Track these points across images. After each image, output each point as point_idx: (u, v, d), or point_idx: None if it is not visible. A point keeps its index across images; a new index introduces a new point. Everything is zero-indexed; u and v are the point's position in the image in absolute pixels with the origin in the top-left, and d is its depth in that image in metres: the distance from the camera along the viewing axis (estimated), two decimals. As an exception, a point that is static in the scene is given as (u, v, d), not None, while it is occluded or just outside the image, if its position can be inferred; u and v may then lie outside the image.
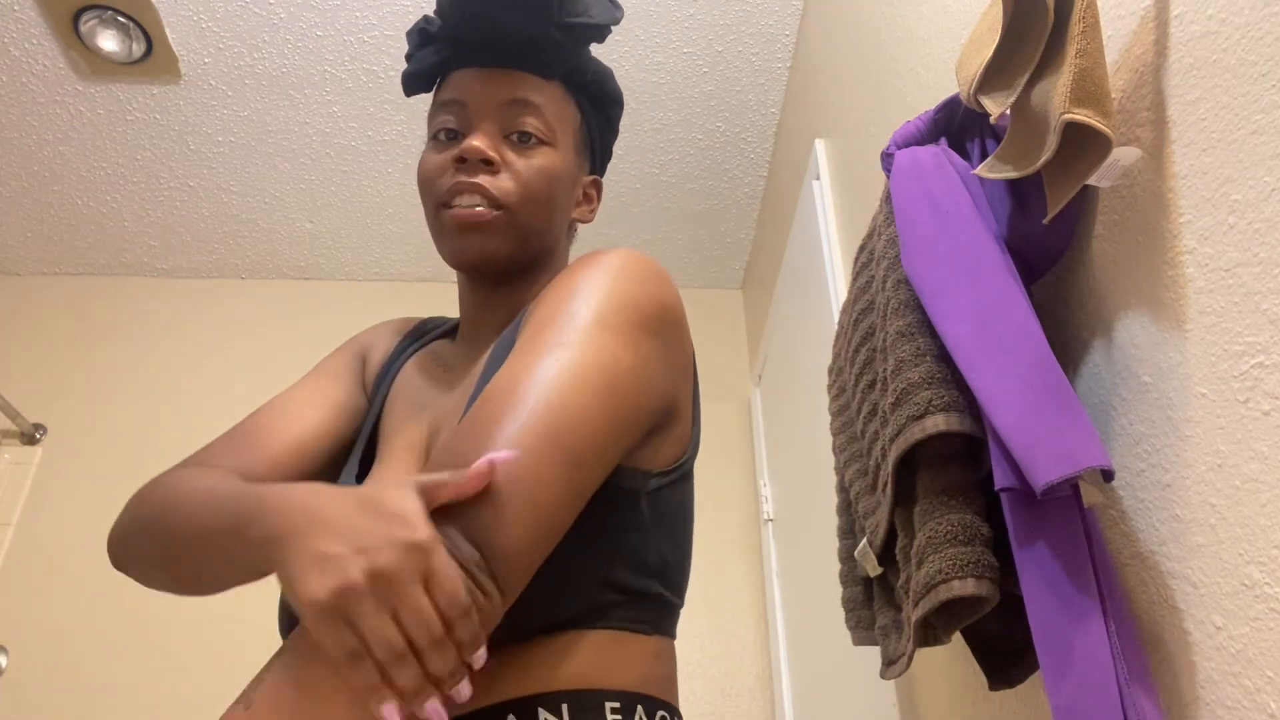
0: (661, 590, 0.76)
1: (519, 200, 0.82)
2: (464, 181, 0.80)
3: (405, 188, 2.52)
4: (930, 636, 0.81)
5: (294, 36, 2.12)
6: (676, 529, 0.81)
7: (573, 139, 0.88)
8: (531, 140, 0.83)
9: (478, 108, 0.83)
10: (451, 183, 0.81)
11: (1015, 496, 0.69)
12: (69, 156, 2.38)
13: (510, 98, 0.83)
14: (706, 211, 2.64)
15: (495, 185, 0.81)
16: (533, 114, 0.84)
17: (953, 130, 0.94)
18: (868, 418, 0.94)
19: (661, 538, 0.77)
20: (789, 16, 2.12)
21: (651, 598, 0.75)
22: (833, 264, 1.71)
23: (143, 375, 2.61)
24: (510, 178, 0.81)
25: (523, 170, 0.82)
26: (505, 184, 0.81)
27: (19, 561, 2.33)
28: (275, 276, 2.81)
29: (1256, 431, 0.58)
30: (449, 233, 0.82)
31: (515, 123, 0.83)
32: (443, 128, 0.84)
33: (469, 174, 0.80)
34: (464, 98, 0.84)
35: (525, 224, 0.83)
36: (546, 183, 0.83)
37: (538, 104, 0.84)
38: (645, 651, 0.74)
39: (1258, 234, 0.59)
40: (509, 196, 0.81)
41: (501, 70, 0.84)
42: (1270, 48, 0.58)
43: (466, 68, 0.85)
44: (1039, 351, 0.70)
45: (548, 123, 0.84)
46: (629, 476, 0.73)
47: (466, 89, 0.84)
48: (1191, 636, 0.64)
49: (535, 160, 0.83)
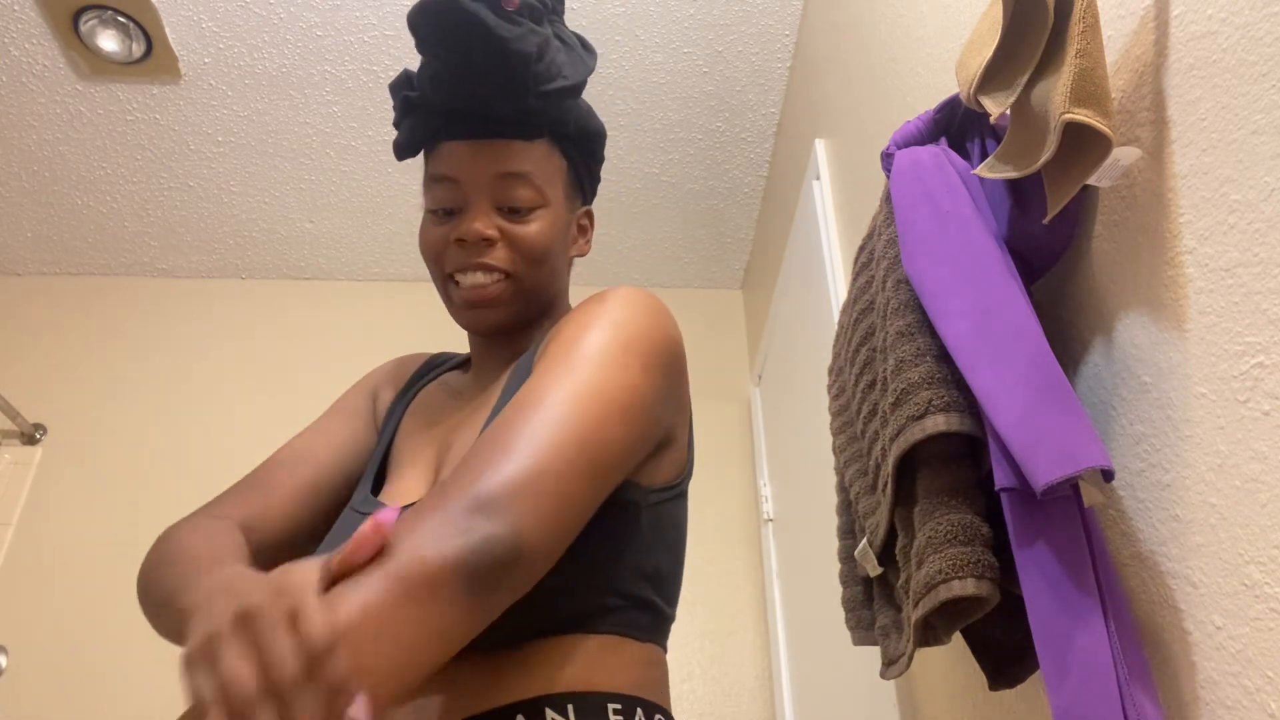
0: (656, 598, 0.80)
1: (523, 267, 0.87)
2: (469, 261, 0.86)
3: (405, 188, 2.52)
4: (930, 636, 0.81)
5: (294, 36, 2.12)
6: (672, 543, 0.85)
7: (563, 189, 0.92)
8: (524, 210, 0.87)
9: (470, 184, 0.87)
10: (457, 260, 0.86)
11: (1015, 496, 0.69)
12: (69, 156, 2.38)
13: (501, 171, 0.86)
14: (706, 211, 2.64)
15: (497, 259, 0.86)
16: (523, 185, 0.87)
17: (953, 130, 0.94)
18: (868, 418, 0.94)
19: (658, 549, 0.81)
20: (789, 16, 2.12)
21: (647, 605, 0.78)
22: (833, 264, 1.71)
23: (143, 375, 2.61)
24: (509, 247, 0.86)
25: (521, 238, 0.87)
26: (507, 254, 0.86)
27: (19, 561, 2.33)
28: (275, 276, 2.81)
29: (1256, 431, 0.58)
30: (459, 306, 0.88)
31: (508, 196, 0.87)
32: (439, 206, 0.88)
33: (473, 254, 0.86)
34: (456, 174, 0.87)
35: (530, 286, 0.88)
36: (544, 244, 0.88)
37: (527, 172, 0.87)
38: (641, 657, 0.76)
39: (1258, 234, 0.59)
40: (513, 265, 0.86)
41: (487, 141, 0.87)
42: (1270, 48, 0.58)
43: (454, 140, 0.88)
44: (1039, 351, 0.70)
45: (538, 188, 0.88)
46: (632, 490, 0.77)
47: (457, 166, 0.87)
48: (1191, 636, 0.64)
49: (532, 227, 0.87)
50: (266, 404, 2.60)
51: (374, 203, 2.57)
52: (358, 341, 2.72)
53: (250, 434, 2.55)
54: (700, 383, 2.73)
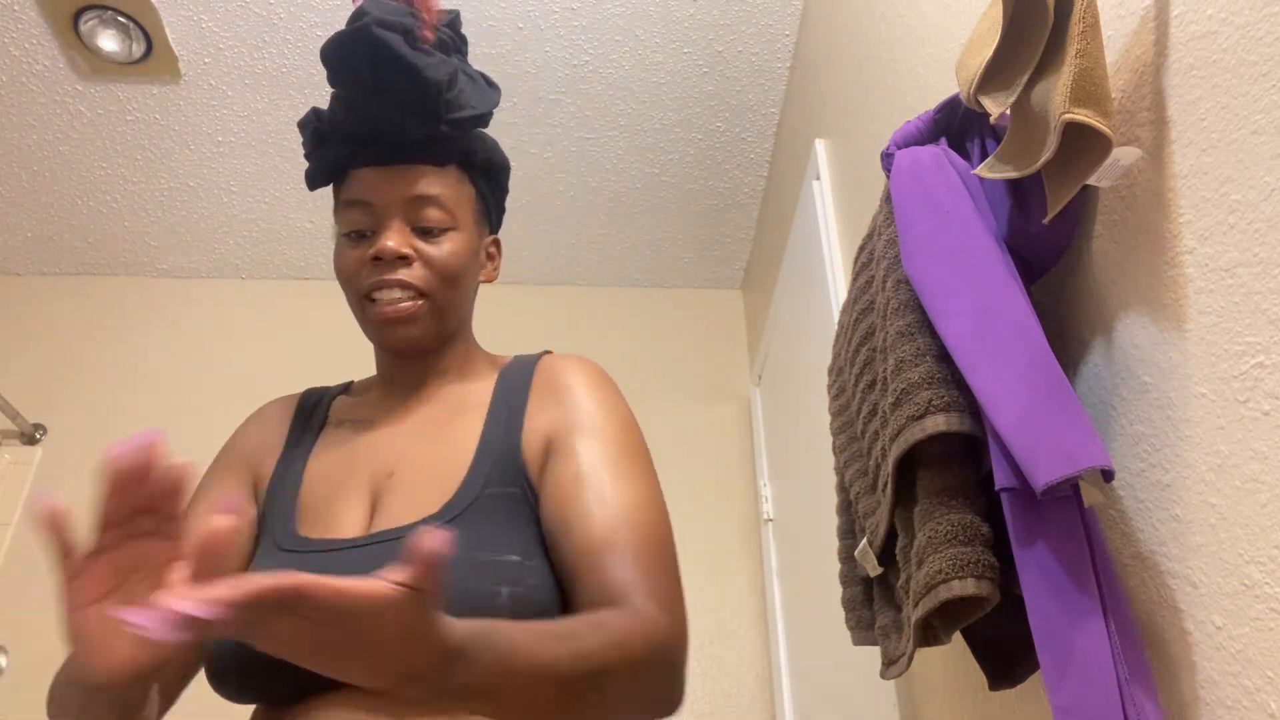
0: None
1: (436, 286, 0.89)
2: (385, 279, 0.88)
3: (405, 188, 2.52)
4: (930, 636, 0.81)
5: (294, 36, 2.12)
6: None
7: (471, 214, 0.95)
8: (435, 231, 0.90)
9: (383, 206, 0.89)
10: (373, 279, 0.88)
11: (1015, 496, 0.69)
12: (69, 156, 2.38)
13: (412, 194, 0.89)
14: (706, 211, 2.64)
15: (413, 276, 0.88)
16: (434, 206, 0.90)
17: (953, 130, 0.94)
18: (868, 418, 0.94)
19: None
20: (789, 16, 2.12)
21: None
22: (833, 264, 1.71)
23: (143, 375, 2.61)
24: (423, 266, 0.89)
25: (434, 256, 0.89)
26: (421, 273, 0.89)
27: (19, 561, 2.33)
28: (275, 276, 2.81)
29: (1256, 431, 0.58)
30: (375, 324, 0.90)
31: (419, 217, 0.90)
32: (353, 229, 0.91)
33: (387, 271, 0.88)
34: (369, 198, 0.90)
35: (444, 306, 0.91)
36: (457, 264, 0.91)
37: (437, 195, 0.90)
38: None
39: (1258, 234, 0.59)
40: (427, 284, 0.89)
41: (399, 166, 0.90)
42: (1270, 48, 0.58)
43: (366, 166, 0.91)
44: (1039, 351, 0.70)
45: (449, 210, 0.91)
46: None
47: (370, 190, 0.90)
48: (1191, 636, 0.64)
49: (444, 246, 0.90)
50: (266, 404, 2.59)
51: (374, 203, 2.56)
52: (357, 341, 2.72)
53: (250, 434, 2.55)
54: (700, 383, 2.73)
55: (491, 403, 0.91)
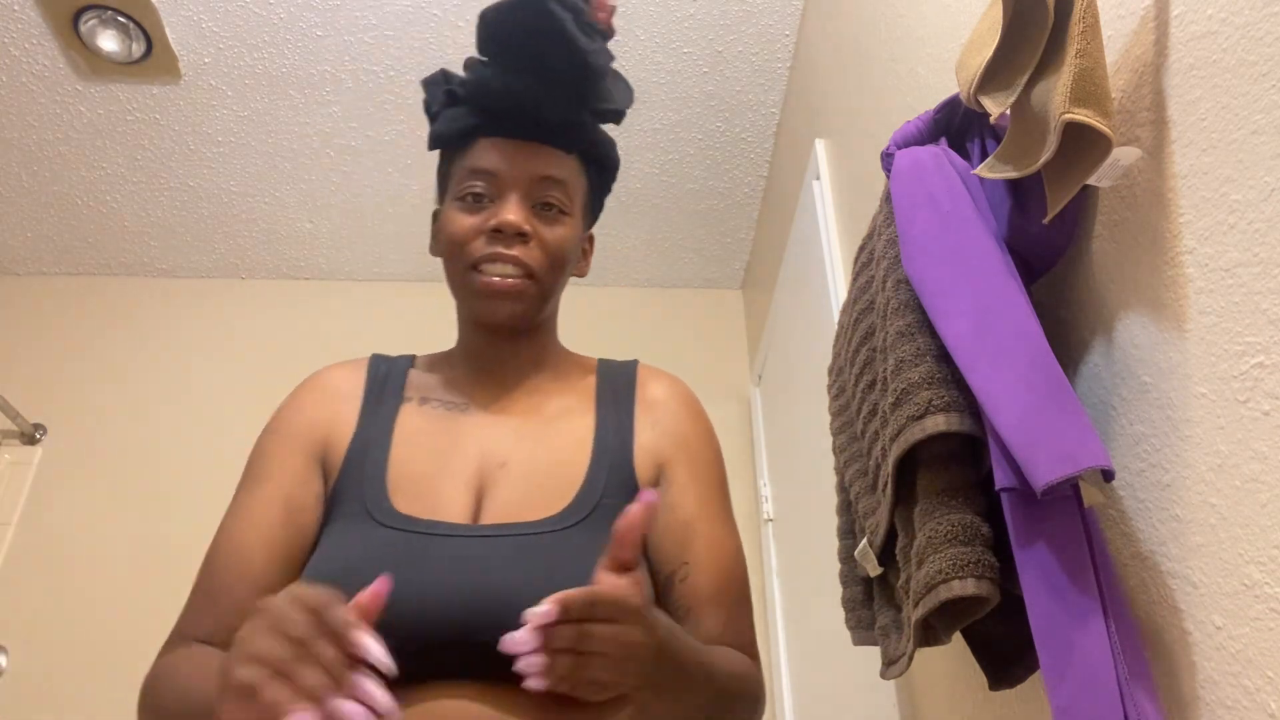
0: None
1: (546, 268, 0.89)
2: (501, 252, 0.87)
3: (405, 188, 2.52)
4: (930, 636, 0.81)
5: (294, 36, 2.12)
6: None
7: (581, 206, 0.95)
8: (554, 211, 0.90)
9: (509, 179, 0.89)
10: (487, 250, 0.87)
11: (1015, 496, 0.69)
12: (69, 156, 2.38)
13: (541, 174, 0.89)
14: (706, 211, 2.64)
15: (528, 255, 0.87)
16: (558, 189, 0.90)
17: (953, 130, 0.94)
18: (868, 418, 0.94)
19: None
20: (789, 16, 2.12)
21: None
22: (833, 264, 1.71)
23: (143, 375, 2.61)
24: (539, 247, 0.88)
25: (550, 240, 0.89)
26: (536, 253, 0.88)
27: (19, 561, 2.33)
28: (275, 276, 2.81)
29: (1256, 431, 0.58)
30: (479, 296, 0.88)
31: (543, 196, 0.89)
32: (471, 191, 0.89)
33: (505, 245, 0.87)
34: (497, 169, 0.89)
35: (548, 289, 0.91)
36: (567, 250, 0.91)
37: (563, 179, 0.91)
38: None
39: (1258, 234, 0.59)
40: (539, 264, 0.88)
41: (531, 144, 0.90)
42: (1270, 48, 0.58)
43: (499, 136, 0.90)
44: (1039, 351, 0.70)
45: (568, 195, 0.91)
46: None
47: (500, 160, 0.89)
48: (1191, 636, 0.64)
49: (558, 230, 0.90)
50: (266, 404, 2.59)
51: (374, 203, 2.57)
52: (358, 341, 2.72)
53: (250, 434, 2.54)
54: (700, 383, 2.72)
55: (597, 407, 0.92)
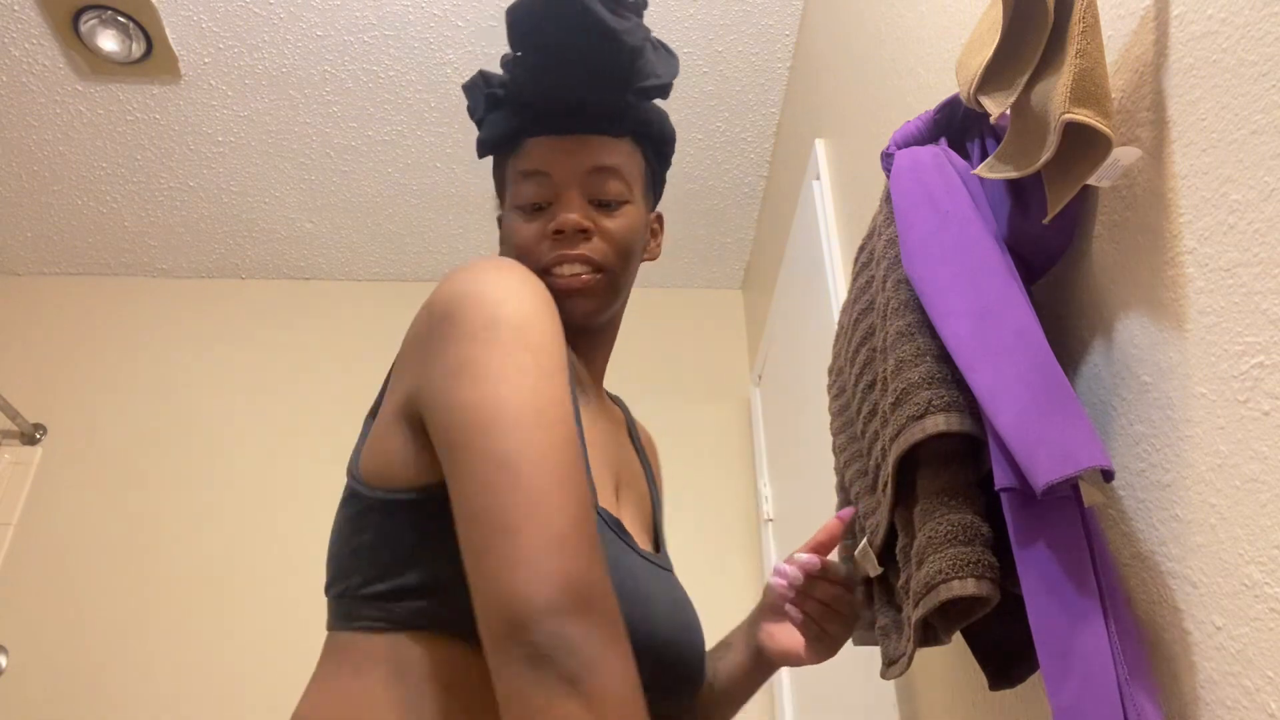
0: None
1: (614, 260, 0.88)
2: (566, 253, 0.85)
3: (405, 187, 2.52)
4: (930, 636, 0.81)
5: (294, 36, 2.12)
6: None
7: (642, 187, 0.93)
8: (612, 204, 0.89)
9: (562, 178, 0.87)
10: (553, 254, 0.86)
11: (1015, 496, 0.69)
12: (69, 156, 2.38)
13: (593, 166, 0.87)
14: (706, 211, 2.64)
15: (593, 250, 0.86)
16: (613, 178, 0.88)
17: (953, 130, 0.93)
18: (868, 418, 0.94)
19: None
20: (789, 16, 2.12)
21: None
22: (833, 264, 1.71)
23: (143, 375, 2.61)
24: (603, 240, 0.87)
25: (614, 231, 0.88)
26: (601, 247, 0.87)
27: (19, 561, 2.33)
28: (275, 276, 2.81)
29: (1256, 431, 0.58)
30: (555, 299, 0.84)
31: (599, 189, 0.88)
32: (530, 201, 0.88)
33: (568, 245, 0.86)
34: (548, 169, 0.87)
35: (620, 280, 0.89)
36: (633, 239, 0.90)
37: (616, 166, 0.88)
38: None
39: (1258, 234, 0.59)
40: (607, 258, 0.87)
41: (578, 137, 0.88)
42: (1270, 48, 0.58)
43: (544, 135, 0.88)
44: (1039, 351, 0.70)
45: (626, 181, 0.89)
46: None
47: (549, 160, 0.87)
48: (1191, 636, 0.64)
49: (621, 220, 0.88)
50: (266, 404, 2.60)
51: (374, 203, 2.57)
52: (358, 341, 2.72)
53: (250, 434, 2.55)
54: (700, 383, 2.73)
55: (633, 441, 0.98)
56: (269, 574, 2.34)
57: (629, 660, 0.57)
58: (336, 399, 2.59)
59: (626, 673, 0.56)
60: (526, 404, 0.63)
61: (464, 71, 2.22)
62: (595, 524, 0.62)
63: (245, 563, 2.35)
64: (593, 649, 0.54)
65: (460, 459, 0.62)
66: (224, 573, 2.34)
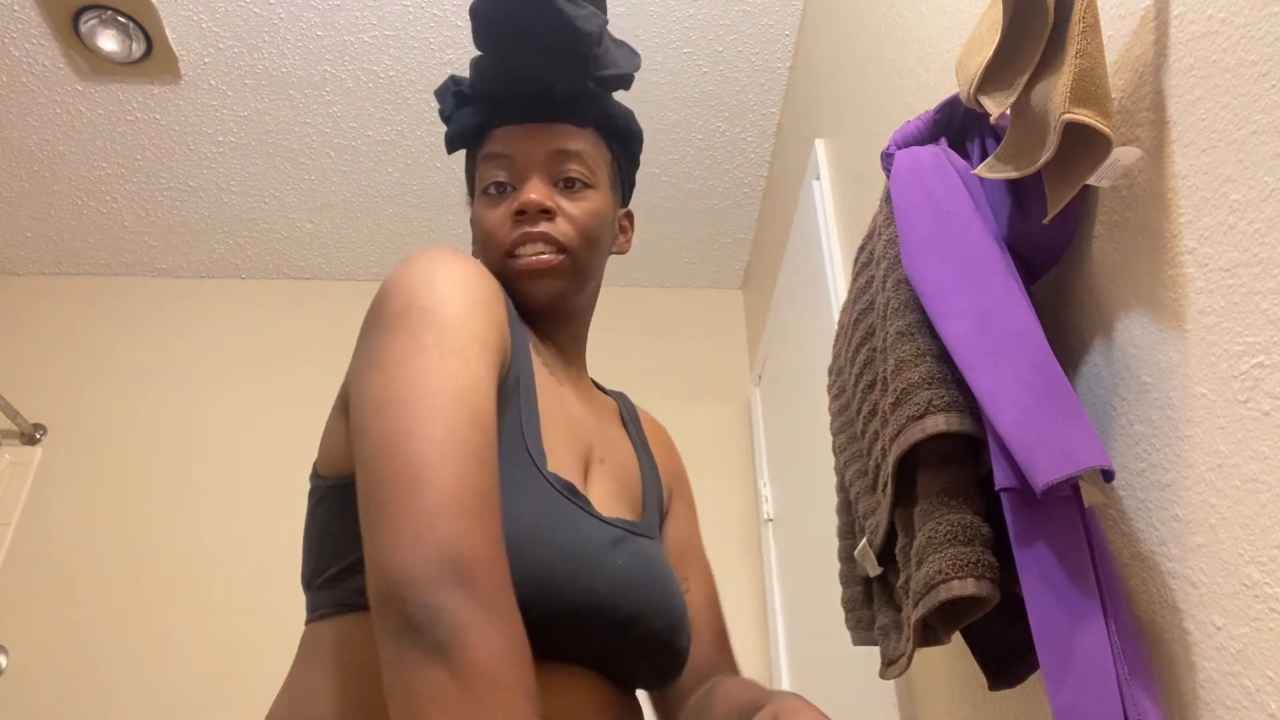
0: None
1: (578, 242, 0.88)
2: (528, 232, 0.86)
3: (405, 187, 2.52)
4: (930, 636, 0.81)
5: (294, 36, 2.12)
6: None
7: (608, 179, 0.94)
8: (577, 185, 0.89)
9: (526, 161, 0.89)
10: (516, 234, 0.86)
11: (1015, 496, 0.69)
12: (69, 156, 2.38)
13: (555, 149, 0.89)
14: (706, 211, 2.64)
15: (556, 230, 0.87)
16: (576, 161, 0.90)
17: (953, 130, 0.94)
18: (868, 418, 0.94)
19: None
20: (789, 16, 2.12)
21: None
22: (833, 264, 1.71)
23: (143, 375, 2.62)
24: (566, 221, 0.88)
25: (576, 214, 0.88)
26: (564, 228, 0.87)
27: (19, 561, 2.33)
28: (275, 276, 2.81)
29: (1256, 431, 0.58)
30: (519, 279, 0.87)
31: (561, 170, 0.89)
32: (493, 182, 0.89)
33: (530, 224, 0.86)
34: (511, 152, 0.89)
35: (584, 264, 0.89)
36: (597, 223, 0.90)
37: (579, 151, 0.90)
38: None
39: (1258, 234, 0.59)
40: (570, 239, 0.87)
41: (542, 124, 0.90)
42: (1270, 48, 0.58)
43: (508, 124, 0.90)
44: (1039, 351, 0.70)
45: (589, 167, 0.91)
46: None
47: (513, 144, 0.89)
48: (1191, 636, 0.64)
49: (584, 204, 0.89)
50: (266, 404, 2.60)
51: (374, 203, 2.57)
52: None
53: (250, 433, 2.55)
54: (700, 383, 2.73)
55: (624, 425, 0.99)
56: (269, 574, 2.34)
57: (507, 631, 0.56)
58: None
59: (503, 643, 0.55)
60: (415, 384, 0.64)
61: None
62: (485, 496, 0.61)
63: (245, 562, 2.35)
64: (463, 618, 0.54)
65: (356, 441, 0.64)
66: (224, 573, 2.34)
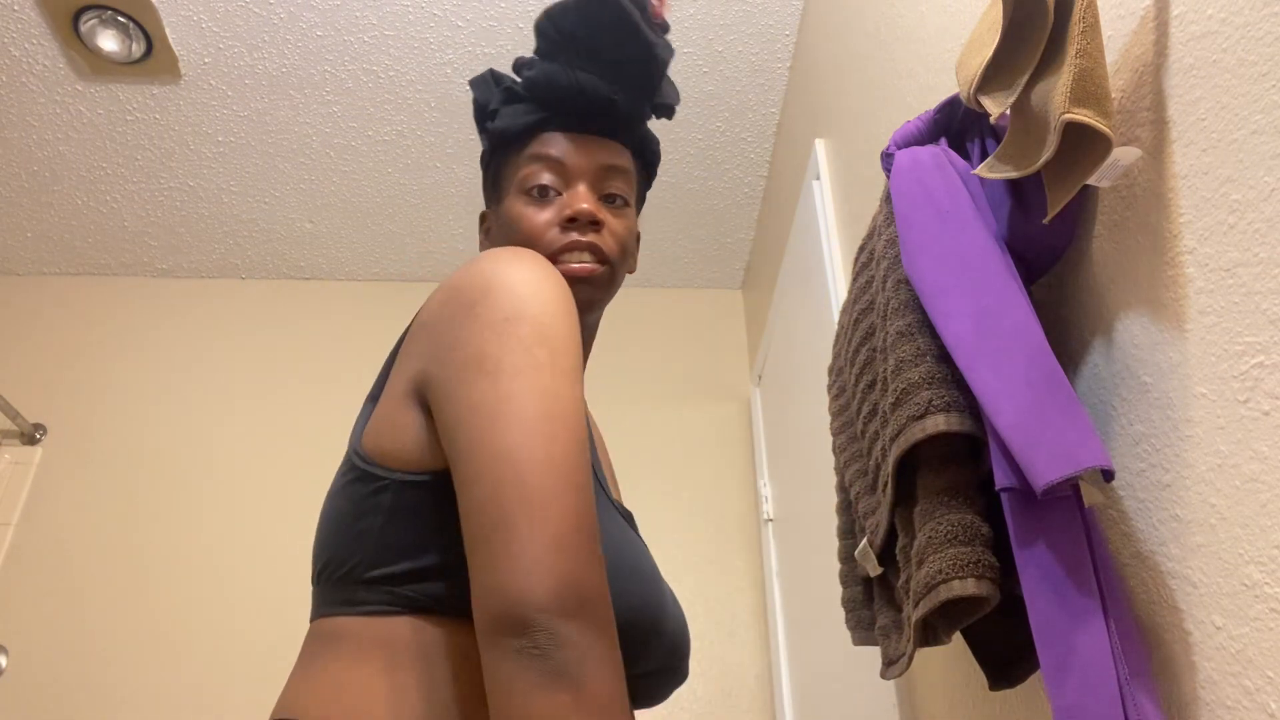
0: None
1: (617, 256, 0.90)
2: (578, 240, 0.87)
3: (405, 187, 2.52)
4: (930, 636, 0.81)
5: (294, 36, 2.12)
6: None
7: (635, 199, 0.97)
8: (618, 201, 0.92)
9: (576, 170, 0.90)
10: (565, 240, 0.87)
11: (1015, 496, 0.69)
12: (69, 156, 2.38)
13: (607, 164, 0.91)
14: (706, 211, 2.64)
15: (602, 242, 0.88)
16: (621, 178, 0.92)
17: (953, 130, 0.94)
18: (868, 418, 0.94)
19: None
20: (789, 16, 2.12)
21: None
22: (833, 264, 1.71)
23: (143, 375, 2.62)
24: (610, 235, 0.89)
25: (618, 229, 0.90)
26: (609, 241, 0.89)
27: (19, 561, 2.33)
28: (275, 276, 2.81)
29: (1256, 431, 0.58)
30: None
31: (607, 185, 0.91)
32: (538, 184, 0.90)
33: (580, 233, 0.87)
34: (564, 158, 0.90)
35: (619, 277, 0.92)
36: (633, 240, 0.94)
37: (625, 169, 0.93)
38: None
39: (1258, 234, 0.59)
40: (612, 252, 0.89)
41: (597, 138, 0.91)
42: (1270, 48, 0.58)
43: (561, 130, 0.92)
44: (1039, 351, 0.70)
45: (630, 186, 0.93)
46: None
47: (566, 151, 0.90)
48: (1191, 636, 0.64)
49: (624, 220, 0.92)
50: (266, 404, 2.60)
51: (374, 203, 2.57)
52: (358, 341, 2.72)
53: (249, 434, 2.55)
54: (700, 383, 2.73)
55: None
56: (269, 573, 2.34)
57: (619, 662, 0.58)
58: (337, 399, 2.59)
59: (617, 672, 0.57)
60: (537, 401, 0.63)
61: (464, 71, 2.22)
62: (596, 526, 0.62)
63: (245, 562, 2.35)
64: (585, 646, 0.56)
65: (466, 449, 0.63)
66: (224, 572, 2.34)
